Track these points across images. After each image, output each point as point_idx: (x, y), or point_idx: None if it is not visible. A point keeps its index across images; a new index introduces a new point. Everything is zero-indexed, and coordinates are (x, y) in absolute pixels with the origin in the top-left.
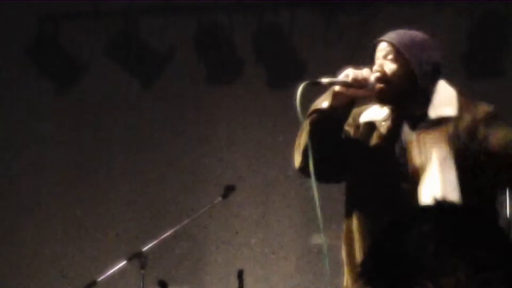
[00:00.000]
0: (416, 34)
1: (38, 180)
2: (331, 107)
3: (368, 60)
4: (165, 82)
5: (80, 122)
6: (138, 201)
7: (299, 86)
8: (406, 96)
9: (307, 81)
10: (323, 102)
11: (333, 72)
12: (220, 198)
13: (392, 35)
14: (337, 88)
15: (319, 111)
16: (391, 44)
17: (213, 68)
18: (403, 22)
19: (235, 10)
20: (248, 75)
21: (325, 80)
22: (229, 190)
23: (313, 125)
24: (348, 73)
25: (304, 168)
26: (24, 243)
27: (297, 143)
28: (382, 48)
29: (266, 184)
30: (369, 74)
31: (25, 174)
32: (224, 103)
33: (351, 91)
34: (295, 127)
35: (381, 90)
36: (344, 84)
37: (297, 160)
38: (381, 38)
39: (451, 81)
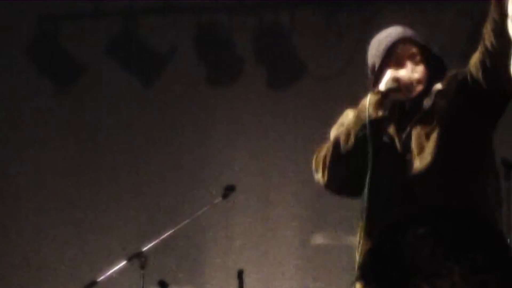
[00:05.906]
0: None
1: (38, 180)
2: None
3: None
4: (165, 82)
5: (80, 122)
6: (138, 201)
7: (366, 97)
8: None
9: (371, 92)
10: (377, 111)
11: (333, 72)
12: (220, 198)
13: (409, 33)
14: (385, 93)
15: (378, 120)
16: (416, 45)
17: (213, 68)
18: (403, 22)
19: (235, 10)
20: (248, 75)
21: (383, 88)
22: (229, 190)
23: (368, 135)
24: (396, 78)
25: (333, 183)
26: (24, 243)
27: (320, 156)
28: (405, 48)
29: (266, 184)
30: (410, 77)
31: (25, 174)
32: (224, 103)
33: (396, 95)
34: (295, 127)
35: (419, 92)
36: (396, 90)
37: (325, 176)
38: (404, 36)
39: None
